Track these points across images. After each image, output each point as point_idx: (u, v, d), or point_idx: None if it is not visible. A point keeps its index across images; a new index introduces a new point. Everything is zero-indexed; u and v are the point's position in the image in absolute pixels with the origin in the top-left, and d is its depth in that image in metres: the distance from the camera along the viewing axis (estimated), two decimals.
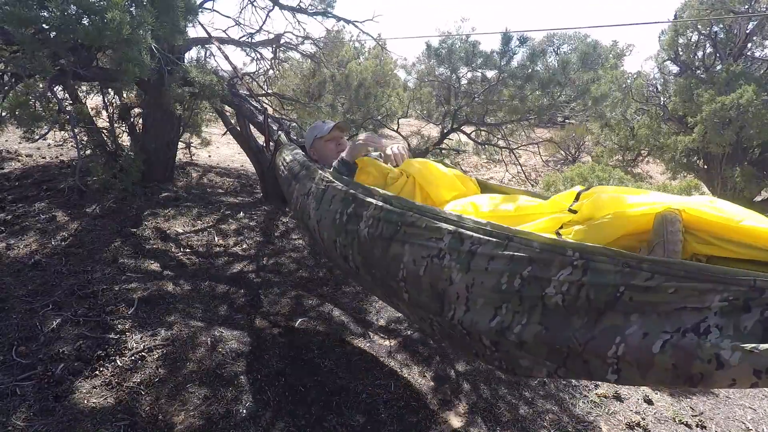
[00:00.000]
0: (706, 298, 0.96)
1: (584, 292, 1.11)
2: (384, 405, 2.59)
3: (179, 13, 3.17)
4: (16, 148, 6.07)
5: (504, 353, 1.33)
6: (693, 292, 0.98)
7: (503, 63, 5.67)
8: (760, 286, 0.91)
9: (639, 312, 1.04)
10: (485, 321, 1.31)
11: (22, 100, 3.06)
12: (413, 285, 1.52)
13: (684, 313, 0.98)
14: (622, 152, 12.21)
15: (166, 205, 4.69)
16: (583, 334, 1.11)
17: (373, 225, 1.66)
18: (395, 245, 1.56)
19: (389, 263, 1.59)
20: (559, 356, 1.19)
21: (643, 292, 1.03)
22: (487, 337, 1.33)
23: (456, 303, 1.38)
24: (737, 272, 0.95)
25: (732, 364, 0.90)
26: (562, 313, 1.16)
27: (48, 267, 3.32)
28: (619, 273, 1.07)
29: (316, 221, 2.02)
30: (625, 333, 1.05)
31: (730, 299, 0.94)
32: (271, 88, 7.00)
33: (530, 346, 1.23)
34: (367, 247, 1.68)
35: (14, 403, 2.18)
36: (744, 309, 0.92)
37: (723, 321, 0.94)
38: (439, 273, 1.41)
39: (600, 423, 2.83)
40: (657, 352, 0.99)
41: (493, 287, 1.28)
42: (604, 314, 1.09)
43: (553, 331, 1.17)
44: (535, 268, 1.20)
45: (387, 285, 1.68)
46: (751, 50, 8.71)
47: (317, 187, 2.08)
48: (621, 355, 1.05)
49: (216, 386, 2.50)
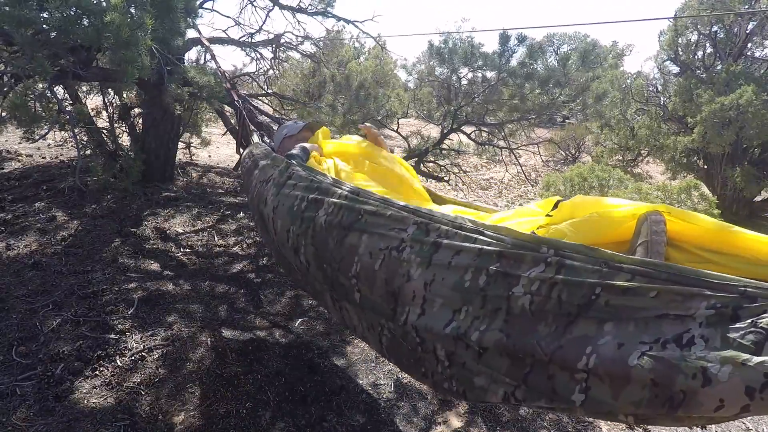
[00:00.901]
0: (691, 304, 0.85)
1: (556, 293, 0.99)
2: (384, 405, 2.60)
3: (178, 15, 3.17)
4: (16, 148, 6.07)
5: (458, 369, 1.17)
6: (676, 297, 0.87)
7: (502, 62, 5.67)
8: (751, 295, 0.81)
9: (614, 320, 0.92)
10: (440, 326, 1.16)
11: (21, 101, 3.06)
12: (366, 282, 1.38)
13: (665, 322, 0.87)
14: (622, 152, 12.22)
15: (166, 205, 4.70)
16: (549, 343, 0.98)
17: (333, 212, 1.51)
18: (352, 235, 1.42)
19: (343, 256, 1.45)
20: (520, 370, 1.04)
21: (621, 295, 0.92)
22: (441, 346, 1.18)
23: (411, 304, 1.24)
24: (726, 277, 0.85)
25: (721, 380, 0.78)
26: (527, 319, 1.03)
27: (48, 267, 3.32)
28: (597, 272, 0.96)
29: (272, 207, 1.87)
30: (598, 343, 0.92)
31: (718, 307, 0.83)
32: (271, 88, 7.01)
33: (489, 357, 1.09)
34: (322, 236, 1.53)
35: (14, 403, 2.18)
36: (733, 318, 0.81)
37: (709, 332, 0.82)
38: (397, 267, 1.27)
39: (600, 423, 2.83)
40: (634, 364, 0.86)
41: (454, 285, 1.15)
42: (575, 321, 0.97)
43: (515, 339, 1.04)
44: (504, 263, 1.08)
45: (337, 283, 1.53)
46: (751, 50, 8.71)
47: (280, 173, 1.94)
48: (592, 368, 0.92)
49: (216, 386, 2.50)
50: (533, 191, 10.00)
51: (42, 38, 2.83)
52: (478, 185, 10.33)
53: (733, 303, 0.82)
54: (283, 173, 1.91)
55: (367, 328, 1.50)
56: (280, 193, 1.83)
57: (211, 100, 4.09)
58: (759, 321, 0.78)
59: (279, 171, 1.96)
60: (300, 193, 1.71)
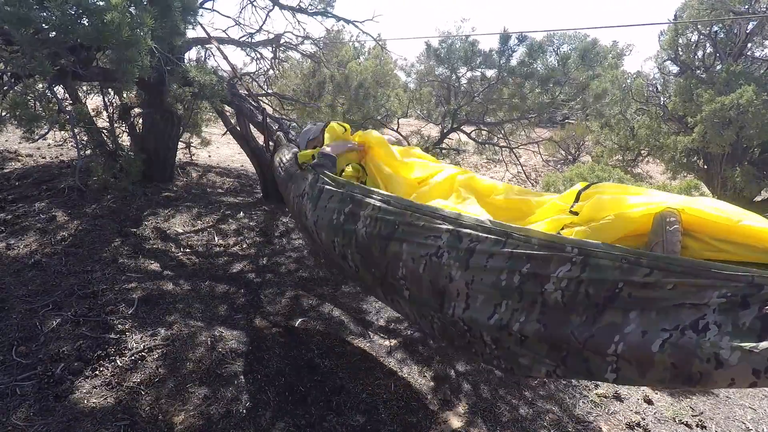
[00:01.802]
0: (705, 294, 0.97)
1: (583, 288, 1.12)
2: (384, 405, 2.60)
3: (178, 14, 3.17)
4: (16, 148, 6.06)
5: (504, 350, 1.33)
6: (691, 288, 0.98)
7: (502, 62, 5.67)
8: (758, 283, 0.92)
9: (638, 309, 1.04)
10: (484, 317, 1.31)
11: (21, 100, 3.05)
12: (413, 282, 1.53)
13: (682, 310, 0.99)
14: (622, 152, 12.20)
15: (166, 205, 4.69)
16: (581, 332, 1.12)
17: (371, 224, 1.67)
18: (393, 244, 1.57)
19: (388, 262, 1.60)
20: (558, 354, 1.19)
21: (642, 288, 1.04)
22: (488, 334, 1.34)
23: (456, 300, 1.39)
24: (735, 269, 0.96)
25: (731, 364, 0.90)
26: (561, 310, 1.16)
27: (48, 267, 3.32)
28: (618, 269, 1.08)
29: (313, 222, 2.04)
30: (624, 331, 1.05)
31: (729, 296, 0.94)
32: (271, 88, 7.00)
33: (530, 342, 1.23)
34: (365, 246, 1.69)
35: (14, 403, 2.18)
36: (742, 305, 0.92)
37: (721, 318, 0.94)
38: (439, 270, 1.42)
39: (600, 423, 2.83)
40: (656, 351, 0.99)
41: (492, 284, 1.29)
42: (603, 311, 1.09)
43: (551, 329, 1.18)
44: (534, 264, 1.21)
45: (387, 283, 1.68)
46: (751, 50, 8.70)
47: (311, 187, 2.10)
48: (620, 354, 1.06)
49: (216, 386, 2.50)
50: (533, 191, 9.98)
51: (42, 38, 2.83)
52: None
53: (742, 291, 0.93)
54: (314, 187, 2.08)
55: (419, 317, 1.67)
56: (317, 207, 2.01)
57: (212, 99, 4.09)
58: (765, 307, 0.90)
59: (309, 185, 2.13)
60: (336, 206, 1.87)
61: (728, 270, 0.96)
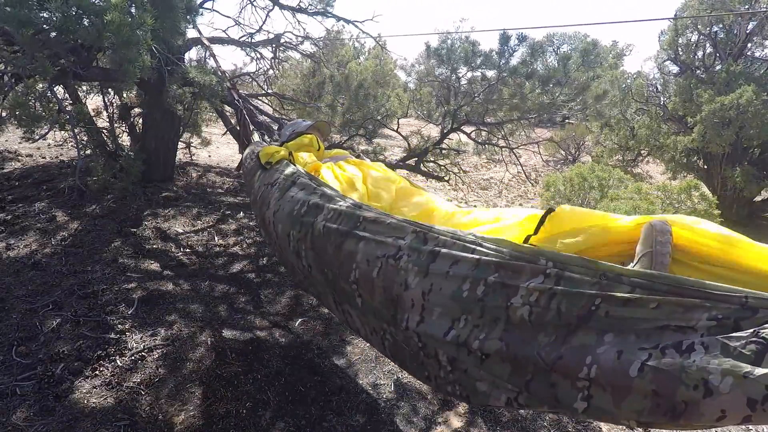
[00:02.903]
0: (692, 316, 0.85)
1: (555, 304, 0.98)
2: (384, 405, 2.60)
3: (179, 14, 3.17)
4: (16, 148, 6.07)
5: (460, 373, 1.17)
6: (677, 308, 0.86)
7: (502, 62, 5.67)
8: (753, 305, 0.81)
9: (615, 331, 0.91)
10: (440, 333, 1.17)
11: (22, 101, 3.06)
12: (366, 288, 1.37)
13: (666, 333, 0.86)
14: (622, 152, 12.21)
15: (166, 205, 4.70)
16: (549, 353, 0.98)
17: (332, 218, 1.52)
18: (350, 241, 1.42)
19: (342, 262, 1.45)
20: (522, 377, 1.04)
21: (622, 307, 0.91)
22: (444, 352, 1.18)
23: (410, 311, 1.24)
24: (727, 288, 0.85)
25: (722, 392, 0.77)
26: (527, 329, 1.02)
27: (48, 267, 3.32)
28: (596, 284, 0.95)
29: (273, 212, 1.90)
30: (597, 351, 0.91)
31: (719, 318, 0.82)
32: (271, 88, 7.01)
33: (491, 363, 1.09)
34: (321, 242, 1.54)
35: (14, 403, 2.18)
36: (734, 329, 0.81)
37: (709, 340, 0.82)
38: (394, 276, 1.27)
39: (600, 423, 2.84)
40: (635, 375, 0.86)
41: (452, 295, 1.14)
42: (574, 332, 0.96)
43: (514, 349, 1.03)
44: (503, 274, 1.08)
45: (339, 287, 1.53)
46: (751, 50, 8.71)
47: (286, 177, 1.97)
48: (594, 378, 0.92)
49: (216, 386, 2.50)
50: (533, 191, 10.00)
51: (42, 38, 2.83)
52: (478, 185, 10.33)
53: (734, 314, 0.82)
54: (288, 178, 1.94)
55: (371, 332, 1.50)
56: (283, 197, 1.86)
57: (212, 99, 4.09)
58: (761, 331, 0.77)
59: (284, 176, 1.99)
60: (302, 198, 1.73)
61: (719, 289, 0.85)
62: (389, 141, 12.29)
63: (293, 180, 1.90)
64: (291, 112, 6.61)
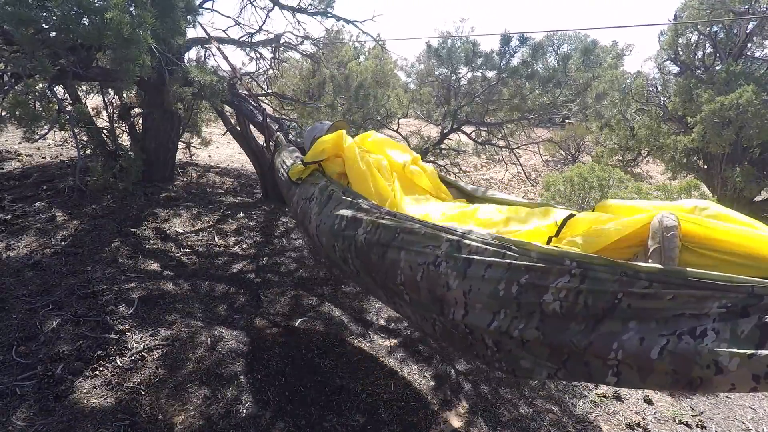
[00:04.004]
0: (705, 305, 0.98)
1: (582, 299, 1.13)
2: (384, 405, 2.59)
3: (179, 14, 3.17)
4: (16, 148, 6.06)
5: (505, 353, 1.33)
6: (691, 299, 0.99)
7: (503, 63, 5.67)
8: (759, 293, 0.93)
9: (637, 319, 1.06)
10: (484, 324, 1.32)
11: (21, 100, 3.05)
12: (412, 289, 1.54)
13: (681, 320, 1.00)
14: (622, 152, 12.21)
15: (166, 205, 4.69)
16: (580, 340, 1.13)
17: (371, 231, 1.68)
18: (391, 251, 1.58)
19: (387, 268, 1.61)
20: (559, 357, 1.20)
21: (641, 299, 1.05)
22: (489, 337, 1.35)
23: (455, 306, 1.40)
24: (735, 279, 0.97)
25: (731, 370, 0.91)
26: (559, 319, 1.17)
27: (48, 267, 3.31)
28: (617, 281, 1.08)
29: (315, 226, 2.05)
30: (623, 338, 1.06)
31: (728, 306, 0.95)
32: (271, 88, 7.00)
33: (532, 346, 1.24)
34: (364, 252, 1.71)
35: (14, 403, 2.18)
36: (742, 314, 0.94)
37: (720, 325, 0.95)
38: (436, 279, 1.42)
39: (600, 423, 2.83)
40: (656, 358, 1.01)
41: (490, 294, 1.29)
42: (602, 321, 1.10)
43: (550, 336, 1.19)
44: (533, 275, 1.22)
45: (388, 288, 1.70)
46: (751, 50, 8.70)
47: (321, 193, 2.11)
48: (621, 359, 1.07)
49: (216, 386, 2.50)
50: (533, 191, 9.99)
51: (42, 37, 2.83)
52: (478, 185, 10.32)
53: (742, 302, 0.94)
54: (323, 192, 2.10)
55: (421, 319, 1.67)
56: (321, 212, 2.01)
57: (212, 99, 4.09)
58: (764, 317, 0.90)
59: (320, 189, 2.14)
60: (340, 213, 1.88)
61: (728, 281, 0.97)
62: None
63: (329, 195, 2.04)
64: (291, 112, 6.60)
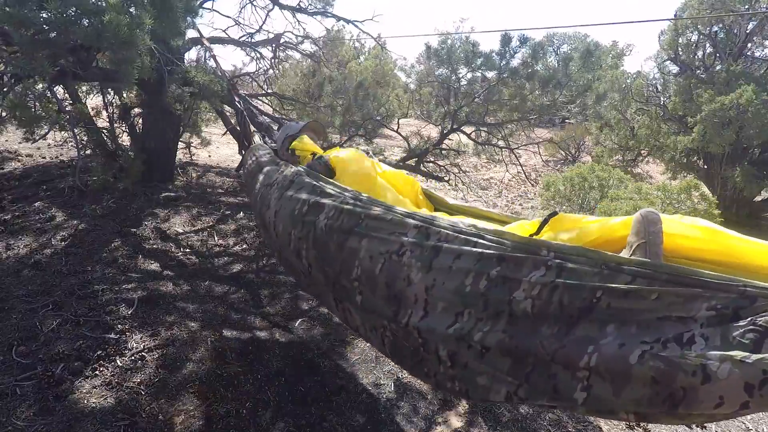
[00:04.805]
0: (692, 306, 0.87)
1: (557, 296, 1.00)
2: (384, 405, 2.60)
3: (178, 14, 3.17)
4: (16, 148, 6.06)
5: (461, 368, 1.18)
6: (677, 298, 0.88)
7: (503, 63, 5.67)
8: (751, 294, 0.83)
9: (616, 322, 0.93)
10: (443, 327, 1.17)
11: (21, 101, 3.05)
12: (368, 285, 1.39)
13: (666, 324, 0.88)
14: (622, 152, 12.21)
15: (166, 205, 4.69)
16: (551, 343, 1.00)
17: (334, 216, 1.53)
18: (352, 239, 1.43)
19: (344, 259, 1.46)
20: (522, 369, 1.06)
21: (623, 298, 0.93)
22: (444, 347, 1.20)
23: (413, 306, 1.25)
24: (726, 278, 0.87)
25: (720, 377, 0.78)
26: (529, 321, 1.04)
27: (48, 267, 3.32)
28: (598, 275, 0.97)
29: (274, 212, 1.91)
30: (600, 343, 0.93)
31: (718, 308, 0.84)
32: (271, 88, 7.00)
33: (492, 356, 1.10)
34: (323, 240, 1.55)
35: (14, 403, 2.18)
36: (733, 318, 0.83)
37: (709, 331, 0.84)
38: (397, 272, 1.28)
39: (600, 423, 2.83)
40: (635, 362, 0.87)
41: (455, 289, 1.16)
42: (577, 323, 0.98)
43: (517, 339, 1.05)
44: (505, 267, 1.09)
45: (339, 285, 1.54)
46: (751, 50, 8.71)
47: (285, 178, 1.97)
48: (594, 366, 0.93)
49: (216, 386, 2.50)
50: (533, 191, 9.99)
51: (42, 38, 2.83)
52: (478, 185, 10.33)
53: (733, 303, 0.84)
54: (287, 177, 1.95)
55: (370, 329, 1.51)
56: (282, 197, 1.86)
57: (212, 99, 4.09)
58: (758, 320, 0.80)
59: (283, 175, 1.99)
60: (303, 197, 1.73)
61: (718, 279, 0.87)
62: (389, 141, 12.28)
63: (292, 179, 1.90)
64: (291, 112, 6.61)
